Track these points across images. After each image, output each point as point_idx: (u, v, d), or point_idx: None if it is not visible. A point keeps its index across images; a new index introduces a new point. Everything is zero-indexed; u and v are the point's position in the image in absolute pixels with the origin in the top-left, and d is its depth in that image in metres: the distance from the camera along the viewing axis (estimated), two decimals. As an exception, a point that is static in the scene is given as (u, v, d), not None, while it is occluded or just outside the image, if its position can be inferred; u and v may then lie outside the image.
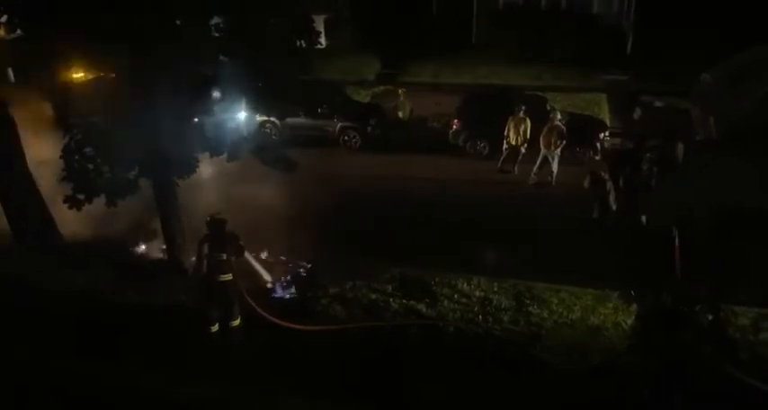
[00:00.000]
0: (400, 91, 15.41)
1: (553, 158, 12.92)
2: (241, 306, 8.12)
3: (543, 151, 12.94)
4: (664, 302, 6.44)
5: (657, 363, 6.43)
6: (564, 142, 12.81)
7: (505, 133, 13.34)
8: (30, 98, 9.23)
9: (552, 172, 13.03)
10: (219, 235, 8.00)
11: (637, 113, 15.90)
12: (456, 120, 14.92)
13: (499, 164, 13.81)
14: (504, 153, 13.60)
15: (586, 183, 11.14)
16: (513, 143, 13.36)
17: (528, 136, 13.23)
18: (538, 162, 13.09)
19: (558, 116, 12.99)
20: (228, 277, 8.00)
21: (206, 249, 7.97)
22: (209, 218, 8.10)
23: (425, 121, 16.75)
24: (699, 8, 18.50)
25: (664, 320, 6.36)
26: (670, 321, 6.33)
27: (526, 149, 13.42)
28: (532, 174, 13.17)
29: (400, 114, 15.41)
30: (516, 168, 13.64)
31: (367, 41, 21.68)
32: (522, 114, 13.23)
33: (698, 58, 16.49)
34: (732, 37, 16.54)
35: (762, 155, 12.14)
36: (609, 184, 10.95)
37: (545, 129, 12.84)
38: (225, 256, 7.96)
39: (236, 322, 8.13)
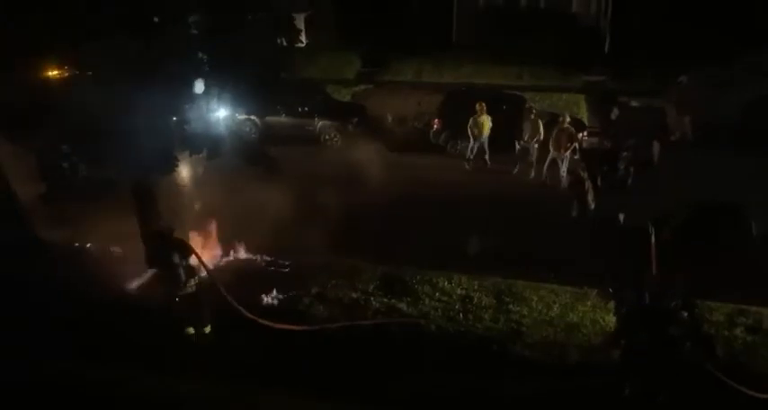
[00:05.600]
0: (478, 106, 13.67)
1: (563, 161, 12.82)
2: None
3: (552, 153, 12.83)
4: (643, 299, 6.54)
5: (639, 360, 6.53)
6: (574, 144, 12.70)
7: (550, 143, 12.92)
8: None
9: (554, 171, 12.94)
10: (170, 246, 7.85)
11: (614, 113, 16.13)
12: (437, 120, 14.95)
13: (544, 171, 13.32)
14: (548, 161, 13.11)
15: (565, 182, 11.27)
16: (555, 151, 12.88)
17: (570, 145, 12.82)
18: (545, 162, 13.05)
19: (568, 118, 12.92)
20: (194, 284, 7.88)
21: (162, 266, 7.83)
22: (155, 236, 7.97)
23: (406, 121, 16.77)
24: (675, 9, 18.81)
25: (646, 317, 6.46)
26: (652, 318, 6.43)
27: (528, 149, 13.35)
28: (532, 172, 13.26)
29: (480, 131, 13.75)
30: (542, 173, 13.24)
31: (348, 40, 21.63)
32: (566, 125, 12.74)
33: (674, 59, 16.79)
34: (708, 38, 16.88)
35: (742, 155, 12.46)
36: (587, 183, 11.11)
37: (555, 132, 12.77)
38: (184, 264, 7.83)
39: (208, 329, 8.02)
